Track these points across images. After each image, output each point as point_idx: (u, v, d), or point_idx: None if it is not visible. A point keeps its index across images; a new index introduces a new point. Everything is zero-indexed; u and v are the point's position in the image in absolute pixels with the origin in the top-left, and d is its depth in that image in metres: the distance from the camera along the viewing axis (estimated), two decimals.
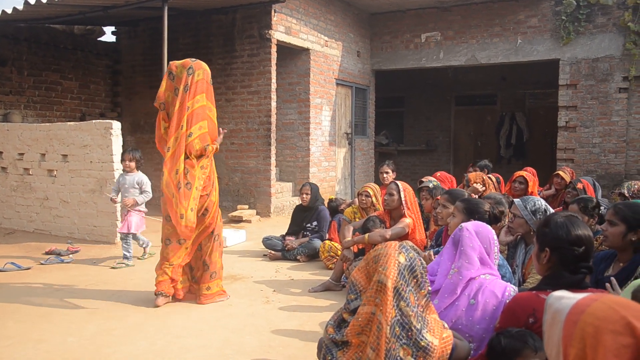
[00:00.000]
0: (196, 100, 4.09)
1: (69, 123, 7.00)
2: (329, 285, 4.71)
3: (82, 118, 9.88)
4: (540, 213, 3.30)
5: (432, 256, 3.55)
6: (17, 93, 9.02)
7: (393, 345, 2.09)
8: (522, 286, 3.09)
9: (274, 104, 8.80)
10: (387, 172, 6.44)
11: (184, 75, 4.07)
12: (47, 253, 5.98)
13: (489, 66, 11.55)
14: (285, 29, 8.93)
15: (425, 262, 2.32)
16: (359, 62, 11.36)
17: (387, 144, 14.18)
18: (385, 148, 13.95)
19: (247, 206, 8.82)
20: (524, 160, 12.97)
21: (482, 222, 2.81)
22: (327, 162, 10.27)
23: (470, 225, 2.65)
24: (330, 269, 5.25)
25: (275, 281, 5.05)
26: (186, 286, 4.39)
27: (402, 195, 4.60)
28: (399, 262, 2.16)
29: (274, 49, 8.65)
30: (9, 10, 7.27)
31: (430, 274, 2.68)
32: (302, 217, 6.18)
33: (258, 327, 3.74)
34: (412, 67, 11.58)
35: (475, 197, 4.53)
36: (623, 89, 9.64)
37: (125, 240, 5.58)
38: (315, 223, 6.08)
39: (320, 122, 9.97)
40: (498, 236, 3.02)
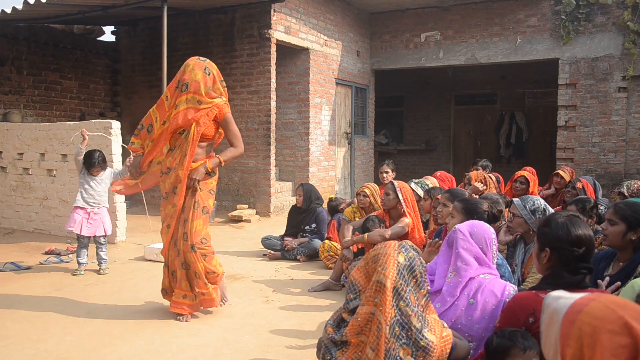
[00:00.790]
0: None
1: (68, 122, 7.00)
2: (328, 284, 4.71)
3: (82, 118, 9.88)
4: (540, 212, 3.31)
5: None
6: (16, 93, 9.01)
7: (392, 345, 2.09)
8: (522, 285, 3.10)
9: (273, 104, 8.80)
10: (387, 172, 6.44)
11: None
12: (46, 253, 5.98)
13: (488, 65, 11.55)
14: (285, 28, 8.92)
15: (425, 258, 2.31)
16: (358, 62, 11.35)
17: (386, 144, 14.19)
18: (385, 147, 13.95)
19: (246, 206, 8.82)
20: (523, 160, 12.99)
21: (480, 221, 2.80)
22: (326, 162, 10.27)
23: (465, 226, 2.64)
24: (330, 268, 5.25)
25: (275, 281, 5.05)
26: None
27: (400, 195, 4.60)
28: (398, 262, 2.15)
29: (273, 49, 8.65)
30: (9, 10, 7.25)
31: (430, 274, 2.68)
32: (300, 219, 6.16)
33: (257, 327, 3.74)
34: (412, 67, 11.58)
35: (475, 196, 4.53)
36: (622, 88, 9.63)
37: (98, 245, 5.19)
38: (314, 225, 6.06)
39: (320, 122, 9.96)
40: (497, 236, 3.01)
